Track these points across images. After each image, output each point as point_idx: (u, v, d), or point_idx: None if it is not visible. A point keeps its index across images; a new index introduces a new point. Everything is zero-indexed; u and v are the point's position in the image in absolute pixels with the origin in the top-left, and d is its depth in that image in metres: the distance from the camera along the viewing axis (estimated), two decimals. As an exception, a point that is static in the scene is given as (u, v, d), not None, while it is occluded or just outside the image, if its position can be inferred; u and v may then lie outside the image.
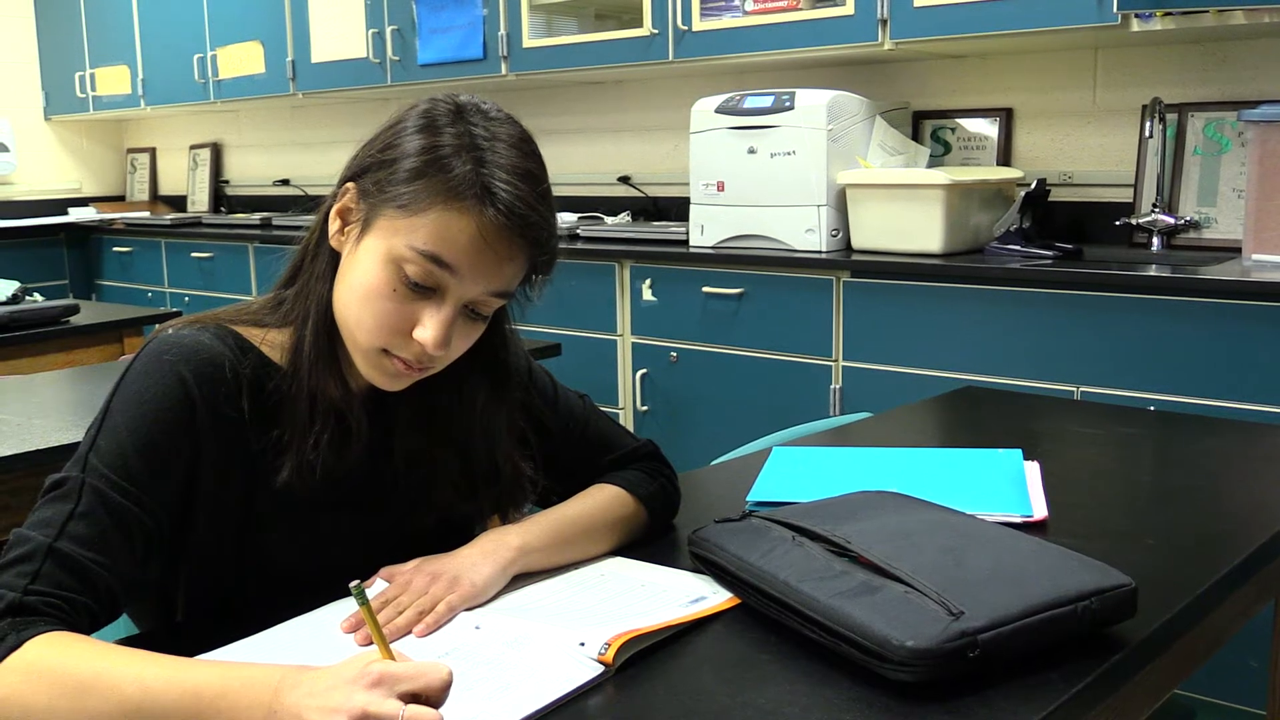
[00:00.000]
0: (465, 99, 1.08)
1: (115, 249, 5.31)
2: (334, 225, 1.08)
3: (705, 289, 3.15)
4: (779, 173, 3.06)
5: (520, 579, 1.12)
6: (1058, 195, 3.07)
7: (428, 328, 1.03)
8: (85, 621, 0.95)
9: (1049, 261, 2.74)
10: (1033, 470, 1.44)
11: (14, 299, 3.00)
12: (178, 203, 5.95)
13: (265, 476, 1.08)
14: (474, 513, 1.23)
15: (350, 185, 1.07)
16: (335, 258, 1.09)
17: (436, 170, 1.01)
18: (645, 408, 3.32)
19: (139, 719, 0.86)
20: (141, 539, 1.00)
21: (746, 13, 3.26)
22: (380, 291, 1.03)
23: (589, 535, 1.17)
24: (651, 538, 1.26)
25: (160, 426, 1.01)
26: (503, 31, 3.82)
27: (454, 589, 1.03)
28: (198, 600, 1.10)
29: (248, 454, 1.07)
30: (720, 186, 3.20)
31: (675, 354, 3.24)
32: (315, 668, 0.85)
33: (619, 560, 1.20)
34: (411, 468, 1.17)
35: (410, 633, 1.00)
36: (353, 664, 0.83)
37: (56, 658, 0.88)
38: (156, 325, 1.16)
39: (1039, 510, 1.29)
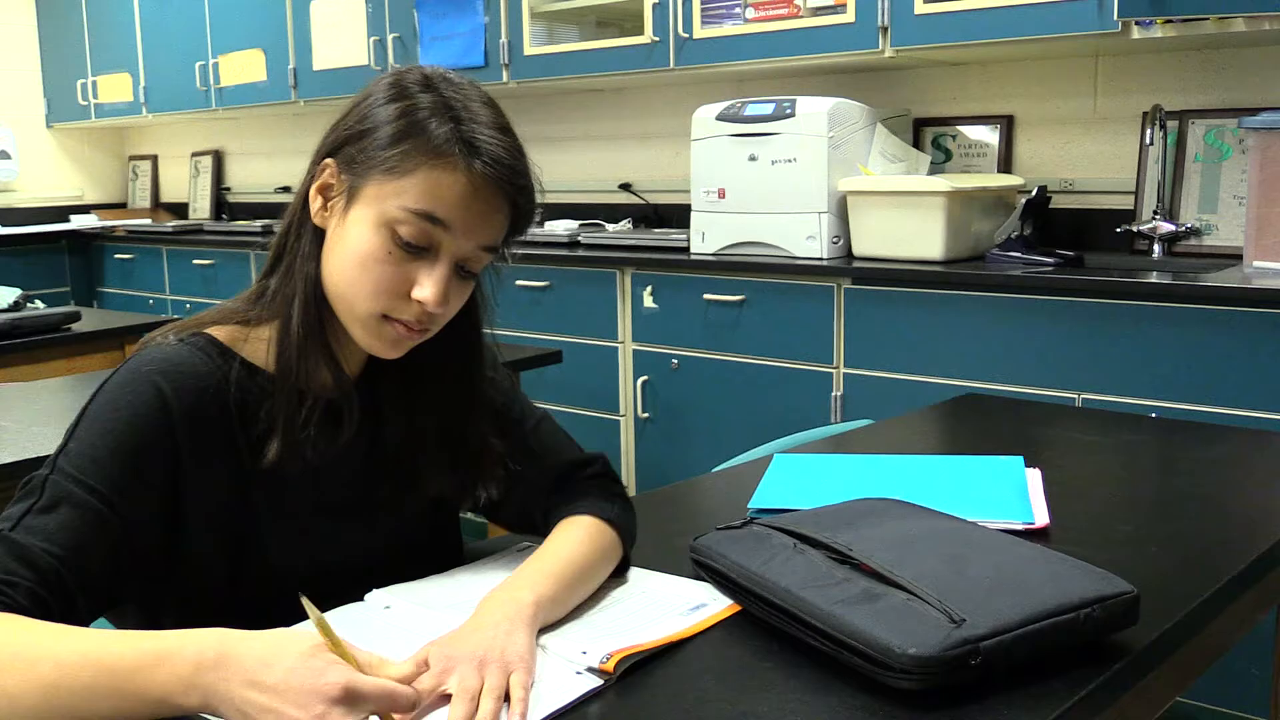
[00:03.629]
0: (430, 70, 1.09)
1: (117, 256, 5.32)
2: (315, 203, 1.09)
3: (706, 296, 3.15)
4: (780, 180, 3.07)
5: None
6: (1059, 202, 3.07)
7: (426, 286, 1.04)
8: (34, 610, 0.93)
9: (1050, 268, 2.74)
10: (1034, 477, 1.44)
11: (15, 306, 3.00)
12: (179, 210, 5.96)
13: (254, 483, 1.08)
14: (456, 493, 1.21)
15: (329, 161, 1.08)
16: (319, 236, 1.09)
17: (418, 131, 1.03)
18: (646, 415, 3.32)
19: (59, 696, 0.85)
20: (102, 536, 0.98)
21: (747, 20, 3.26)
22: (376, 256, 1.04)
23: (590, 576, 1.12)
24: (652, 544, 1.25)
25: (134, 432, 1.01)
26: (504, 39, 3.83)
27: (509, 670, 0.92)
28: (189, 608, 1.09)
29: (235, 461, 1.07)
30: (721, 193, 3.20)
31: (676, 361, 3.24)
32: (245, 637, 0.84)
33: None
34: (401, 451, 1.17)
35: None
36: (310, 668, 0.81)
37: None
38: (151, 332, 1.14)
39: (1040, 517, 1.29)
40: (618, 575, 1.17)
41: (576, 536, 1.14)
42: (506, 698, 0.90)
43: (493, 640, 0.94)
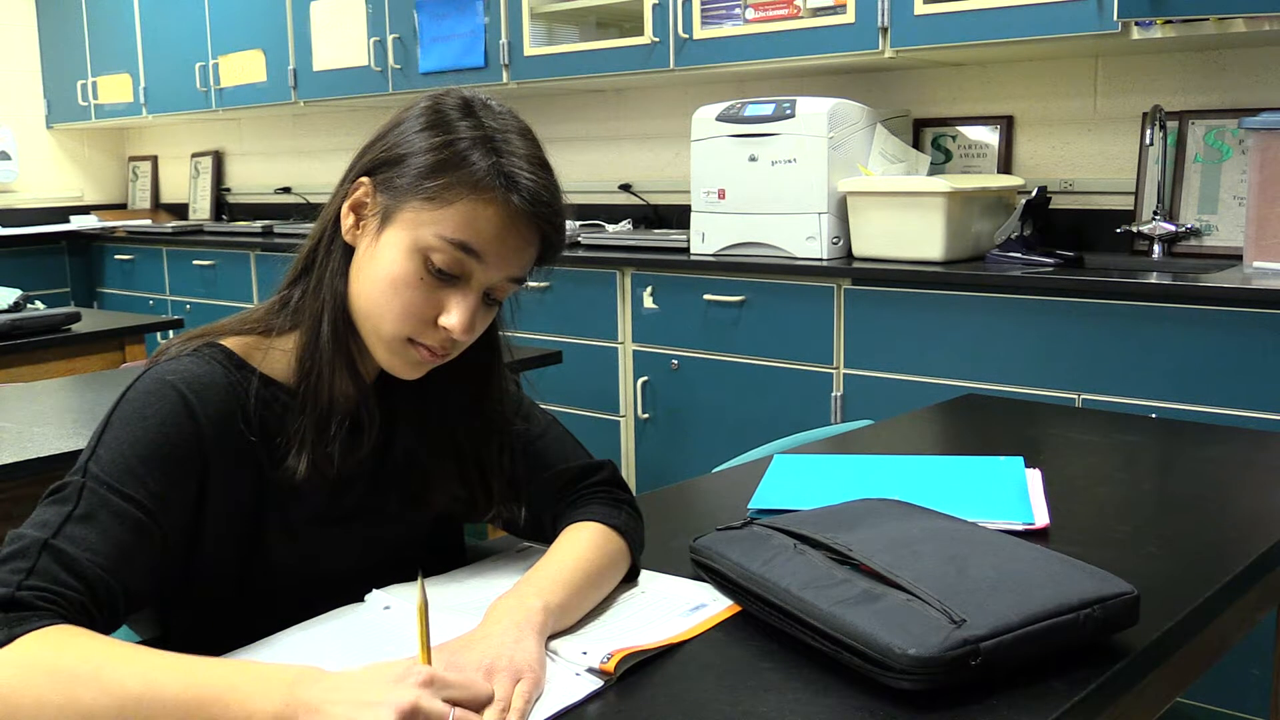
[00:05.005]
0: (469, 94, 1.10)
1: (117, 257, 5.32)
2: (347, 220, 1.09)
3: (706, 296, 3.15)
4: (780, 180, 3.07)
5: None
6: (1058, 203, 3.08)
7: (454, 314, 1.05)
8: (82, 620, 0.93)
9: (1050, 269, 2.74)
10: (1034, 478, 1.44)
11: (15, 307, 3.00)
12: (179, 210, 5.96)
13: (270, 493, 1.08)
14: (462, 510, 1.21)
15: (364, 180, 1.08)
16: (349, 253, 1.09)
17: (459, 162, 1.04)
18: (646, 415, 3.32)
19: (138, 713, 0.84)
20: (143, 545, 0.98)
21: (747, 21, 3.26)
22: (407, 281, 1.04)
23: (598, 583, 1.12)
24: (652, 544, 1.25)
25: (166, 440, 1.00)
26: (504, 40, 3.83)
27: (517, 678, 0.91)
28: (196, 609, 1.09)
29: (255, 473, 1.07)
30: (721, 194, 3.20)
31: (676, 361, 3.24)
32: (331, 672, 0.85)
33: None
34: (410, 463, 1.17)
35: None
36: (393, 665, 0.84)
37: (53, 651, 0.86)
38: (160, 337, 1.15)
39: (1041, 518, 1.29)
40: (628, 582, 1.16)
41: (584, 543, 1.13)
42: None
43: (500, 648, 0.94)
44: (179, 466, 1.01)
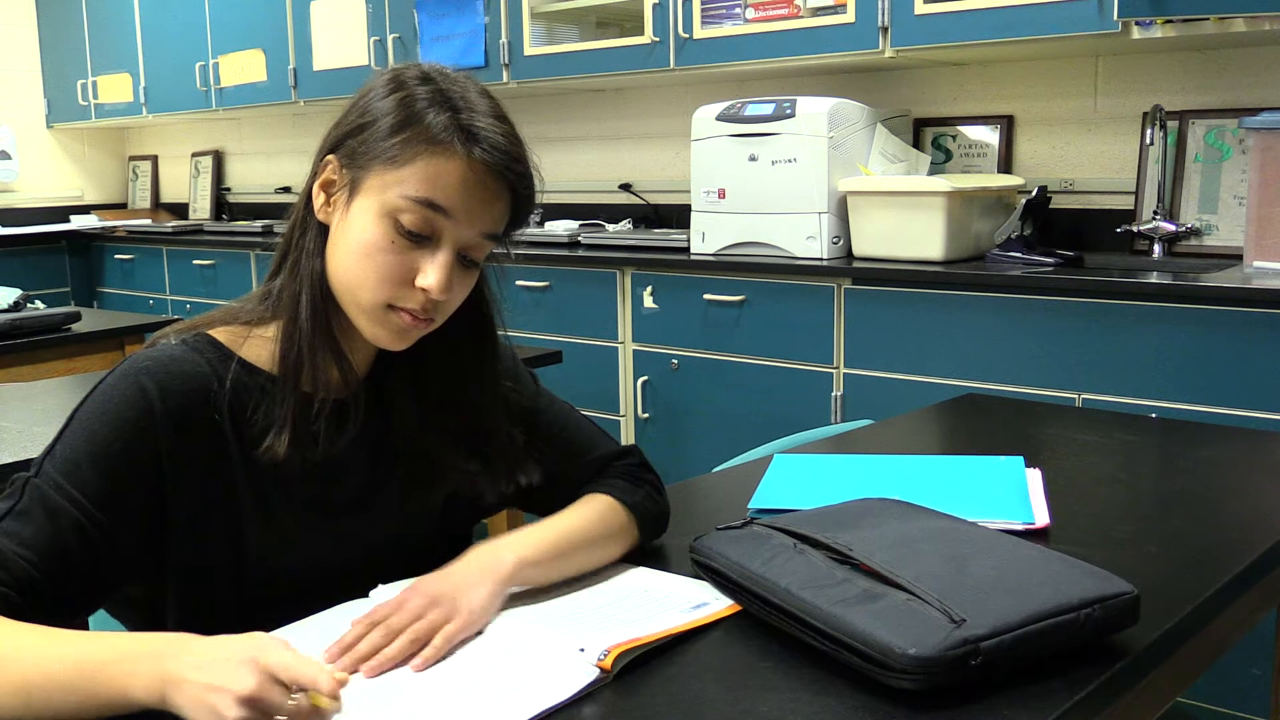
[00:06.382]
0: (427, 65, 1.11)
1: (117, 256, 5.32)
2: (319, 199, 1.10)
3: (706, 296, 3.15)
4: (780, 180, 3.07)
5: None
6: (1059, 202, 3.07)
7: (429, 273, 1.06)
8: (5, 612, 0.94)
9: (1050, 269, 2.74)
10: (1034, 477, 1.44)
11: (15, 306, 3.00)
12: (179, 210, 5.96)
13: (250, 482, 1.08)
14: (473, 487, 1.21)
15: (330, 157, 1.09)
16: (323, 232, 1.10)
17: (416, 121, 1.05)
18: (646, 415, 3.32)
19: (36, 695, 0.88)
20: (83, 547, 0.98)
21: (747, 20, 3.26)
22: (379, 245, 1.05)
23: (586, 548, 1.15)
24: (652, 544, 1.25)
25: (117, 437, 1.01)
26: (504, 39, 3.83)
27: (452, 617, 1.00)
28: (190, 608, 1.08)
29: (226, 461, 1.07)
30: (721, 194, 3.20)
31: (676, 361, 3.24)
32: (203, 638, 0.88)
33: (620, 565, 1.19)
34: (411, 448, 1.17)
35: (403, 664, 0.97)
36: (241, 642, 0.85)
37: None
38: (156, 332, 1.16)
39: (1041, 517, 1.29)
40: (630, 561, 1.18)
41: (582, 512, 1.17)
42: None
43: (453, 588, 1.02)
44: (130, 464, 1.01)
